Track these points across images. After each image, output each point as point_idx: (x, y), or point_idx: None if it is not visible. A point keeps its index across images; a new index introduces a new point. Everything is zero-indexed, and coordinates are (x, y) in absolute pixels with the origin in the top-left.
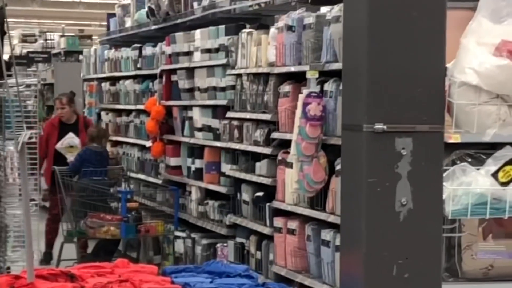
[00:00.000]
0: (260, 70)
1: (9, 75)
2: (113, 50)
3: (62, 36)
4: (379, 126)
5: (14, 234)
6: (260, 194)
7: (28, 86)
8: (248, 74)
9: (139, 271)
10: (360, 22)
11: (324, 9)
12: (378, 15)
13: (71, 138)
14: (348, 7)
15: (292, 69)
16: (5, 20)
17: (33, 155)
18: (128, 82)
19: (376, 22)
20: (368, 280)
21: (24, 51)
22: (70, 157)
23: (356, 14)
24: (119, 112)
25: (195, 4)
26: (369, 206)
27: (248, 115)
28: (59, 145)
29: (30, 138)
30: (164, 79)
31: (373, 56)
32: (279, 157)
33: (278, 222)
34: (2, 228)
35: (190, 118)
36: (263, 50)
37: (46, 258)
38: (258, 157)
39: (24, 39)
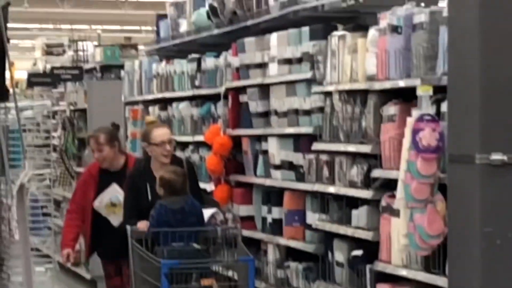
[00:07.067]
0: (356, 86)
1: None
2: (163, 63)
3: (97, 46)
4: (496, 157)
5: None
6: (358, 253)
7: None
8: (340, 91)
9: None
10: (469, 20)
11: (440, 4)
12: (491, 10)
13: (114, 193)
14: (454, 2)
15: (399, 83)
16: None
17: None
18: (183, 105)
19: (489, 19)
20: None
21: (48, 66)
22: (114, 221)
23: (463, 10)
24: None
25: (270, 0)
26: (486, 265)
27: (341, 147)
28: (97, 204)
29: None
30: (230, 101)
31: (486, 63)
32: (383, 203)
33: None
34: None
35: (265, 152)
36: (360, 59)
37: None
38: (355, 203)
39: (49, 50)
